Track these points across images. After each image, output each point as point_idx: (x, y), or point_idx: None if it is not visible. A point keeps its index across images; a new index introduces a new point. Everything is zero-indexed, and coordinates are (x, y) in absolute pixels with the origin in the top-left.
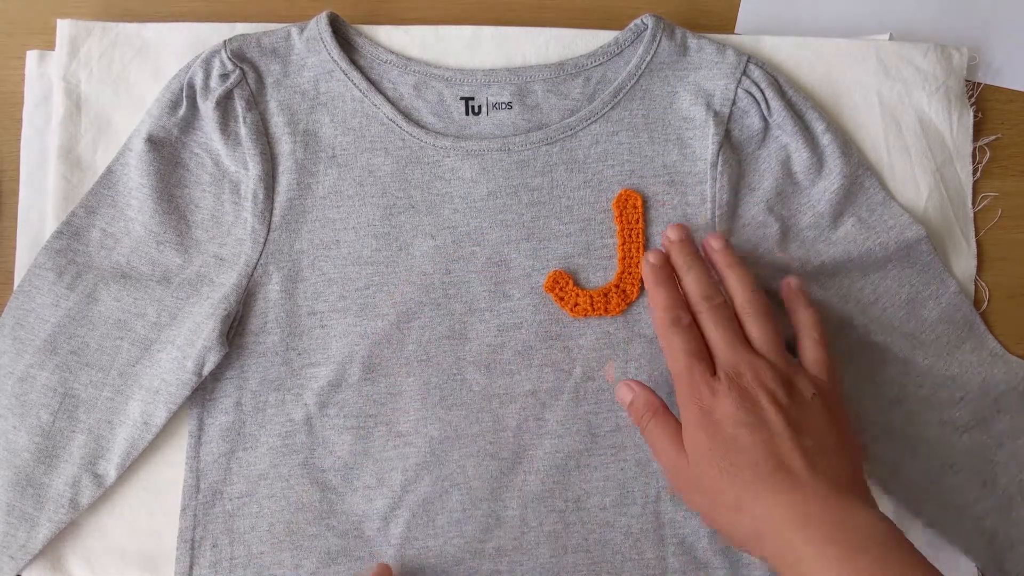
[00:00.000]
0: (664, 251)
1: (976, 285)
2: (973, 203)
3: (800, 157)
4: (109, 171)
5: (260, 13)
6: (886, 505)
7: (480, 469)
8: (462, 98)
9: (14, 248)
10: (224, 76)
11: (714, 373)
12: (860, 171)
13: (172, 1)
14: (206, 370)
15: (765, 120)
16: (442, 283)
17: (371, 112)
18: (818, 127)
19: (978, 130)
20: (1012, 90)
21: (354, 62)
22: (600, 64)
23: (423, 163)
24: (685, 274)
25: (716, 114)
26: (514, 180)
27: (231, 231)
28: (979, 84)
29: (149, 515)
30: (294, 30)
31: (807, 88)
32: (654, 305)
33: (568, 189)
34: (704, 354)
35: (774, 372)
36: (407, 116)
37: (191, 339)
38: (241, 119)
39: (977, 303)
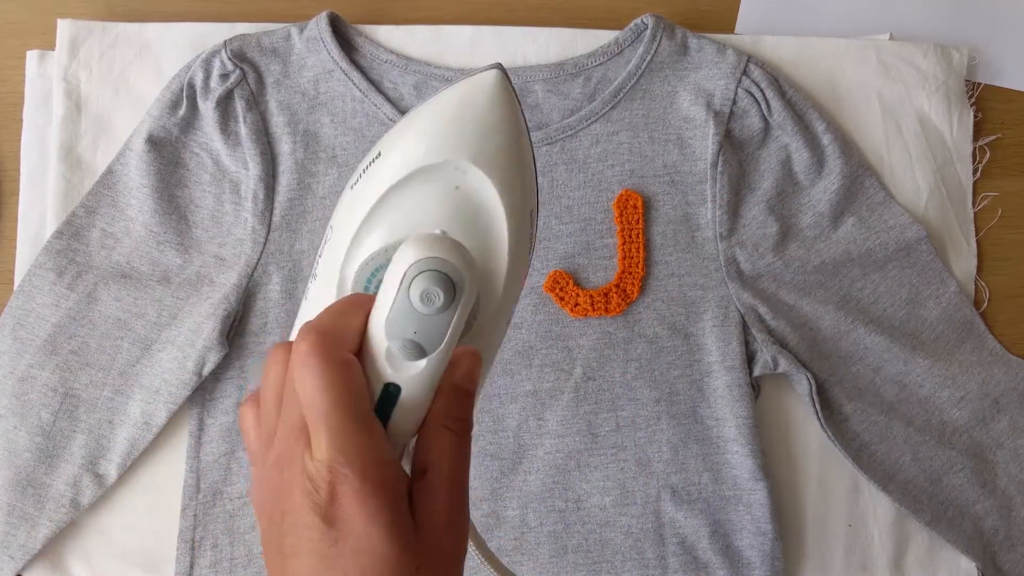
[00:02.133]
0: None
1: (976, 285)
2: (973, 203)
3: (800, 157)
4: (109, 171)
5: (260, 13)
6: (886, 505)
7: (480, 469)
8: None
9: (14, 248)
10: (224, 76)
11: None
12: (860, 171)
13: (172, 1)
14: (206, 370)
15: (765, 120)
16: None
17: (371, 112)
18: (818, 127)
19: (978, 130)
20: (1012, 90)
21: (354, 62)
22: (600, 64)
23: None
24: None
25: (716, 114)
26: None
27: (231, 231)
28: (979, 84)
29: (149, 515)
30: (294, 30)
31: (807, 88)
32: None
33: (568, 189)
34: None
35: None
36: None
37: (191, 339)
38: (241, 119)
39: (977, 303)
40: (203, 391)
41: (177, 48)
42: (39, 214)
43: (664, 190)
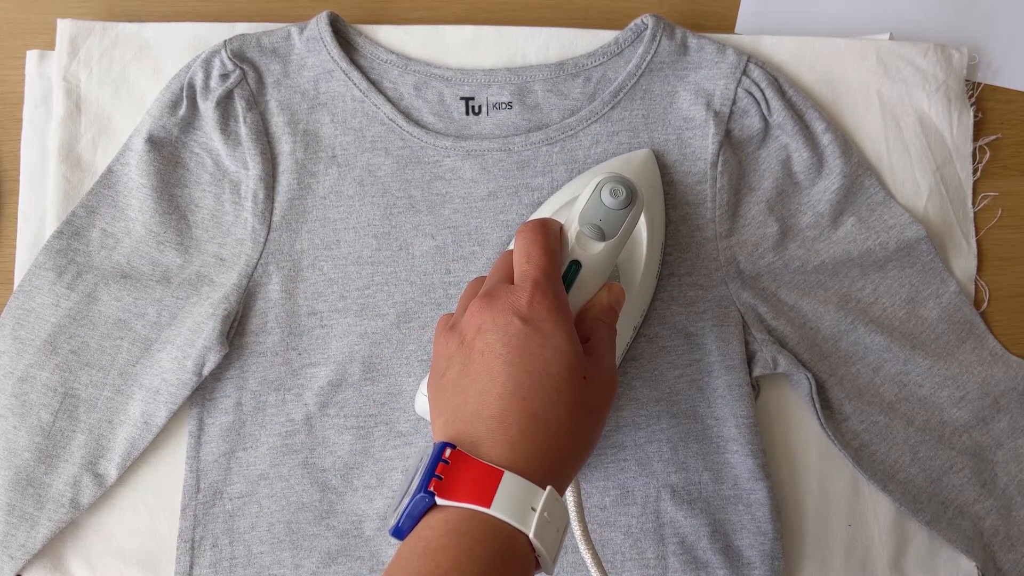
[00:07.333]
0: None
1: (976, 285)
2: (973, 203)
3: (800, 157)
4: (109, 171)
5: (260, 13)
6: (886, 505)
7: None
8: (462, 98)
9: (14, 248)
10: (224, 76)
11: None
12: (860, 171)
13: (172, 1)
14: (206, 370)
15: (765, 120)
16: (443, 283)
17: (371, 112)
18: (818, 127)
19: (978, 130)
20: (1012, 90)
21: (354, 62)
22: (600, 64)
23: (423, 163)
24: None
25: (716, 114)
26: (514, 180)
27: (231, 231)
28: (979, 84)
29: (149, 515)
30: (294, 30)
31: (807, 88)
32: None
33: None
34: None
35: None
36: (407, 116)
37: (191, 339)
38: (241, 119)
39: (977, 303)
40: (203, 391)
41: (177, 48)
42: (39, 214)
43: (664, 190)
